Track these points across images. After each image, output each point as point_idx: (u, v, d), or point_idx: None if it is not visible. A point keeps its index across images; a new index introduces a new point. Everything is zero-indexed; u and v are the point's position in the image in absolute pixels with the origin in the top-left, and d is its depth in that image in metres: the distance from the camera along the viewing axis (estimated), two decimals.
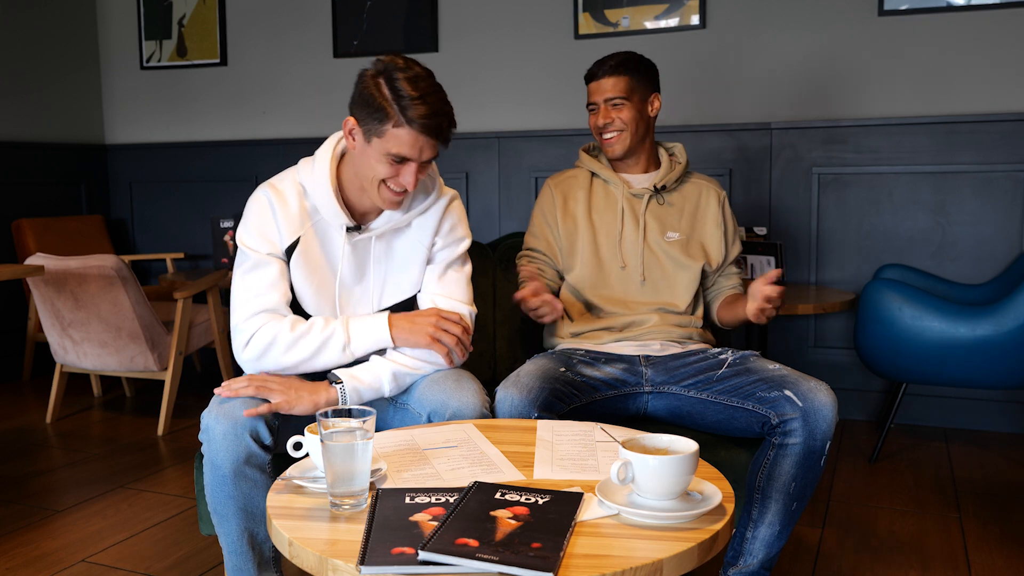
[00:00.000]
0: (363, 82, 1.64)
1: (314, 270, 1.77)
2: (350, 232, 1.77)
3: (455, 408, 1.70)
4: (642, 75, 2.13)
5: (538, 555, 1.05)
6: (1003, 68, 3.36)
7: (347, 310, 1.79)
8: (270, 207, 1.75)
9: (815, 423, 1.73)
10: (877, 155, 3.52)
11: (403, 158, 1.63)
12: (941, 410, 3.50)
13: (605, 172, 2.16)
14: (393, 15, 4.22)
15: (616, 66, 2.10)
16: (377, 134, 1.63)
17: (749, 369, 1.88)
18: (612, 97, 2.10)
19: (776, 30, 3.65)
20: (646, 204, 2.13)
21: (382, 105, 1.60)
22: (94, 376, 4.05)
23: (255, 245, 1.74)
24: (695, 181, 2.21)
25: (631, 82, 2.11)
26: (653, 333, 2.04)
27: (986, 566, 2.24)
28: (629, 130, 2.11)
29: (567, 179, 2.21)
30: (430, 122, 1.60)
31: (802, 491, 1.78)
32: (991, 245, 3.39)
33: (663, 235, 2.12)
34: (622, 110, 2.10)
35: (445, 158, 4.17)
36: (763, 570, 1.86)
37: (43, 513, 2.65)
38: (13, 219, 4.33)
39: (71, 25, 4.75)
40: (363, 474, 1.23)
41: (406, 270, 1.83)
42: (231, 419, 1.59)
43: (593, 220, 2.14)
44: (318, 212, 1.76)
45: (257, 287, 1.72)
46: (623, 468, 1.20)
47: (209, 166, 4.69)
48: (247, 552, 1.66)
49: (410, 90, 1.59)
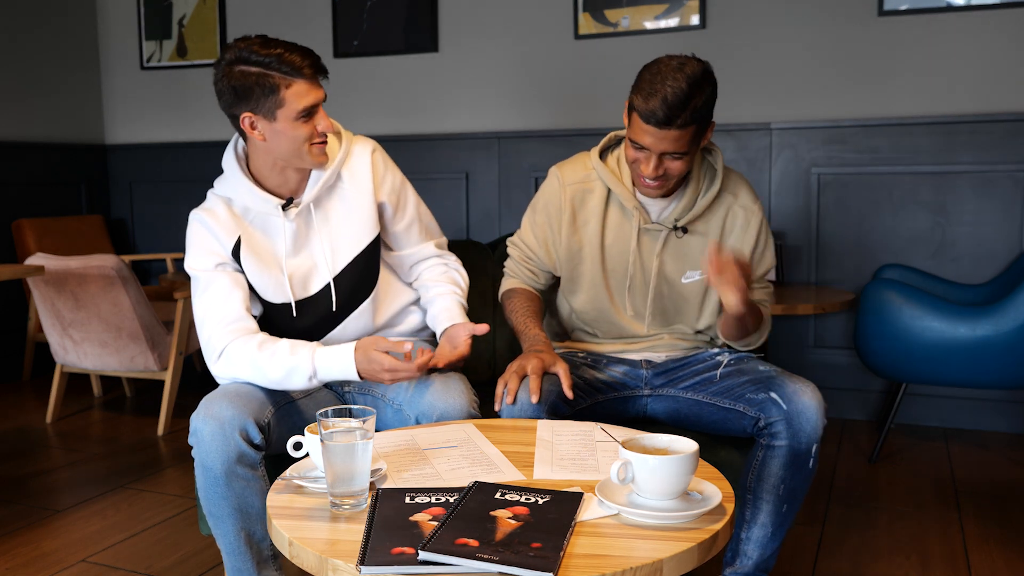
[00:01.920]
0: (228, 79, 1.68)
1: (262, 259, 1.80)
2: (286, 210, 1.79)
3: (443, 410, 1.71)
4: (709, 112, 1.72)
5: (538, 555, 1.05)
6: (1003, 68, 3.36)
7: (298, 284, 1.82)
8: (203, 224, 1.79)
9: (798, 425, 1.71)
10: (877, 155, 3.52)
11: (310, 108, 1.68)
12: (941, 410, 3.50)
13: (622, 193, 1.86)
14: (393, 15, 4.22)
15: (690, 116, 1.66)
16: (278, 105, 1.67)
17: (741, 370, 1.87)
18: (672, 152, 1.71)
19: (776, 30, 3.65)
20: (663, 243, 1.87)
21: (262, 81, 1.65)
22: (94, 376, 4.05)
23: (201, 265, 1.78)
24: (725, 197, 1.88)
25: (697, 131, 1.71)
26: (658, 347, 1.99)
27: (986, 566, 2.24)
28: (678, 178, 1.79)
29: (581, 187, 1.91)
30: (308, 60, 1.67)
31: (792, 493, 1.77)
32: (991, 245, 3.39)
33: (680, 275, 1.89)
34: (678, 162, 1.73)
35: (445, 158, 4.17)
36: (759, 571, 1.85)
37: (43, 513, 2.65)
38: (13, 219, 4.33)
39: (71, 25, 4.75)
40: (363, 474, 1.23)
41: (352, 224, 1.85)
42: (218, 421, 1.60)
43: (605, 248, 1.90)
44: (250, 211, 1.80)
45: (215, 301, 1.75)
46: (623, 468, 1.20)
47: (209, 166, 4.67)
48: (245, 552, 1.67)
49: (271, 51, 1.64)
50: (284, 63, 1.64)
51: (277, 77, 1.65)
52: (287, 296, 1.83)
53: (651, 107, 1.66)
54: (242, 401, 1.64)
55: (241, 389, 1.69)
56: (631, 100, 1.73)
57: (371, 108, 4.27)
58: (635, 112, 1.71)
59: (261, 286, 1.81)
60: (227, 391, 1.67)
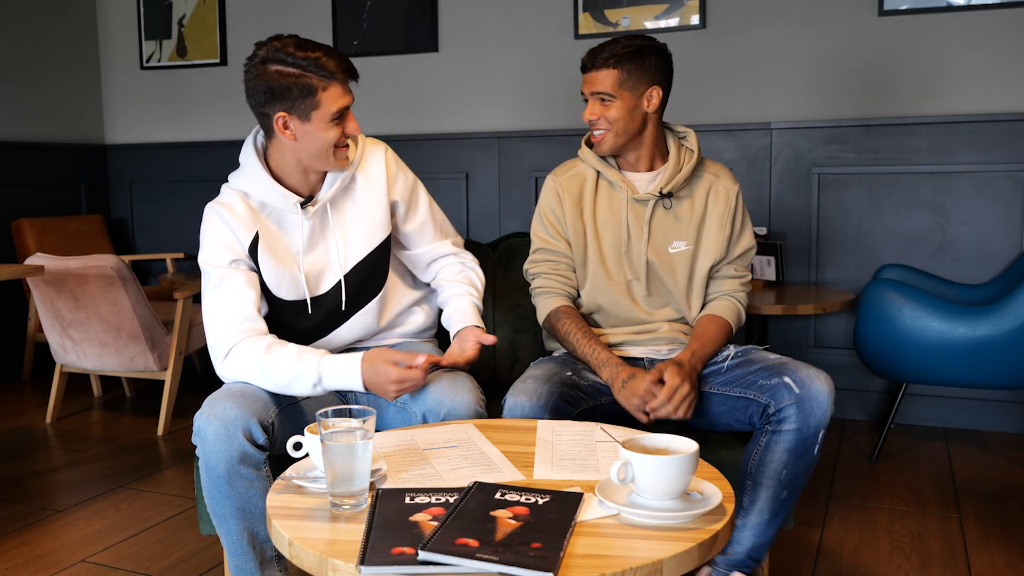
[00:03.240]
0: (263, 78, 1.69)
1: (279, 257, 1.81)
2: (304, 208, 1.81)
3: (450, 407, 1.71)
4: (640, 67, 1.91)
5: (538, 555, 1.05)
6: (1003, 68, 3.36)
7: (312, 279, 1.84)
8: (220, 218, 1.79)
9: (810, 409, 1.73)
10: (877, 155, 3.52)
11: (343, 111, 1.71)
12: (941, 410, 3.50)
13: (609, 171, 2.00)
14: (393, 15, 4.22)
15: (609, 58, 1.90)
16: (313, 107, 1.68)
17: (751, 360, 1.90)
18: (599, 92, 1.92)
19: (776, 30, 3.65)
20: (651, 212, 1.98)
21: (300, 82, 1.66)
22: (94, 376, 4.05)
23: (215, 260, 1.78)
24: (707, 176, 2.02)
25: (621, 76, 1.91)
26: (660, 340, 2.01)
27: (986, 566, 2.24)
28: (614, 129, 1.94)
29: (573, 178, 2.04)
30: (343, 65, 1.69)
31: (793, 479, 1.78)
32: (991, 245, 3.39)
33: (668, 246, 1.99)
34: (609, 107, 1.92)
35: (445, 158, 4.17)
36: (749, 560, 1.86)
37: (43, 513, 2.65)
38: (13, 219, 4.33)
39: (71, 25, 4.75)
40: (363, 474, 1.23)
41: (365, 222, 1.87)
42: (222, 420, 1.60)
43: (599, 228, 2.01)
44: (267, 206, 1.81)
45: (226, 300, 1.75)
46: (623, 468, 1.20)
47: (209, 166, 4.68)
48: (248, 552, 1.67)
49: (308, 53, 1.66)
50: (321, 67, 1.66)
51: (315, 79, 1.66)
52: (300, 293, 1.84)
53: (585, 56, 1.95)
54: (246, 401, 1.64)
55: (245, 389, 1.69)
56: None
57: (371, 108, 4.27)
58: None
59: (275, 283, 1.81)
60: (231, 391, 1.67)
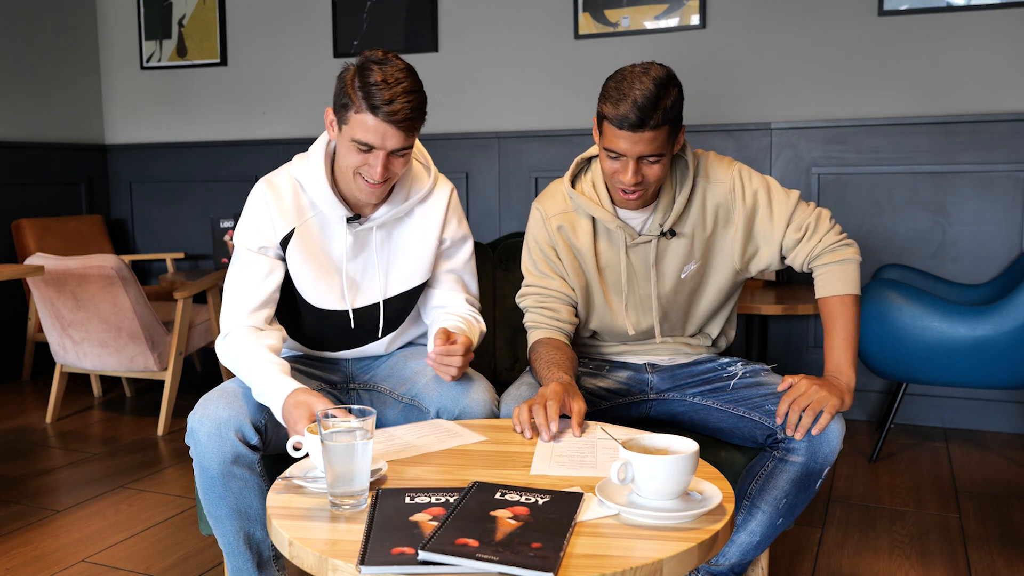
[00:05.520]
0: (344, 74, 1.68)
1: (314, 261, 1.79)
2: (350, 223, 1.79)
3: (465, 405, 1.71)
4: (678, 110, 1.69)
5: (538, 555, 1.05)
6: (1003, 68, 3.36)
7: (354, 298, 1.83)
8: (264, 201, 1.78)
9: (819, 446, 1.68)
10: (877, 155, 3.52)
11: (368, 145, 1.64)
12: (941, 410, 3.50)
13: (604, 216, 1.82)
14: (393, 15, 4.22)
15: (661, 115, 1.63)
16: (344, 121, 1.66)
17: (760, 382, 1.83)
18: (649, 155, 1.67)
19: (776, 30, 3.65)
20: (655, 252, 1.83)
21: (348, 93, 1.64)
22: (94, 376, 4.05)
23: (247, 241, 1.78)
24: (700, 183, 1.83)
25: (671, 131, 1.68)
26: (661, 350, 1.97)
27: (986, 566, 2.24)
28: (653, 188, 1.74)
29: (566, 217, 1.87)
30: (388, 108, 1.60)
31: (791, 508, 1.76)
32: (991, 245, 3.39)
33: (679, 274, 1.85)
34: (655, 166, 1.69)
35: (445, 158, 4.17)
36: (731, 573, 1.85)
37: (43, 513, 2.65)
38: (13, 219, 4.33)
39: (71, 25, 4.75)
40: (363, 474, 1.23)
41: (411, 259, 1.85)
42: (214, 421, 1.60)
43: (601, 272, 1.88)
44: (315, 206, 1.79)
45: (244, 283, 1.76)
46: (623, 468, 1.20)
47: (209, 166, 4.69)
48: (245, 552, 1.67)
49: (376, 78, 1.62)
50: (371, 95, 1.60)
51: (357, 100, 1.62)
52: (339, 303, 1.82)
53: (623, 112, 1.63)
54: (238, 402, 1.64)
55: (238, 390, 1.69)
56: (600, 111, 1.70)
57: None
58: (606, 121, 1.68)
59: (305, 284, 1.80)
60: (224, 391, 1.67)
